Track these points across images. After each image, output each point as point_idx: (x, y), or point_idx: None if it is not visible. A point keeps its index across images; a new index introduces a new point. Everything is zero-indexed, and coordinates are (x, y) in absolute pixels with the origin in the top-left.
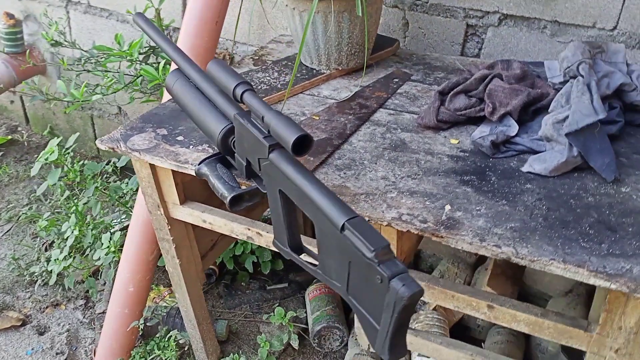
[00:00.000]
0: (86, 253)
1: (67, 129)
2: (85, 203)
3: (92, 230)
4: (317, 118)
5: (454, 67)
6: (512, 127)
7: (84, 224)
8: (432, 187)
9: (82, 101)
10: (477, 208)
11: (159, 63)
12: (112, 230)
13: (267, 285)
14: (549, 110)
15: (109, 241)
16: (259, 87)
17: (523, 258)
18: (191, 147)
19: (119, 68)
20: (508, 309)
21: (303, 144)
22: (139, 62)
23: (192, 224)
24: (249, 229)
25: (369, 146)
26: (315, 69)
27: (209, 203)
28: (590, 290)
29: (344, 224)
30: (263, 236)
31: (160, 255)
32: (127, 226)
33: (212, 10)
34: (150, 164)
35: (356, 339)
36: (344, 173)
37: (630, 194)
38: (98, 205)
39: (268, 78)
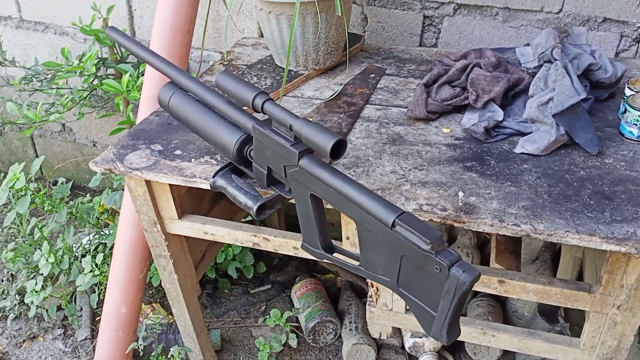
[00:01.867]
0: (59, 280)
1: (3, 152)
2: (52, 229)
3: (64, 255)
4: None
5: (422, 58)
6: (497, 112)
7: (56, 250)
8: (440, 176)
9: (39, 122)
10: (487, 192)
11: (113, 75)
12: (90, 253)
13: (250, 289)
14: (530, 94)
15: (92, 264)
16: None
17: (541, 233)
18: (193, 160)
19: (66, 84)
20: (518, 282)
21: (338, 148)
22: (94, 76)
23: (185, 237)
24: (255, 236)
25: (369, 142)
26: (293, 71)
27: (199, 214)
28: (554, 255)
29: (394, 221)
30: (271, 241)
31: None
32: (99, 246)
33: (183, 19)
34: (145, 180)
35: (351, 330)
36: (354, 171)
37: (614, 164)
38: (71, 229)
39: None
